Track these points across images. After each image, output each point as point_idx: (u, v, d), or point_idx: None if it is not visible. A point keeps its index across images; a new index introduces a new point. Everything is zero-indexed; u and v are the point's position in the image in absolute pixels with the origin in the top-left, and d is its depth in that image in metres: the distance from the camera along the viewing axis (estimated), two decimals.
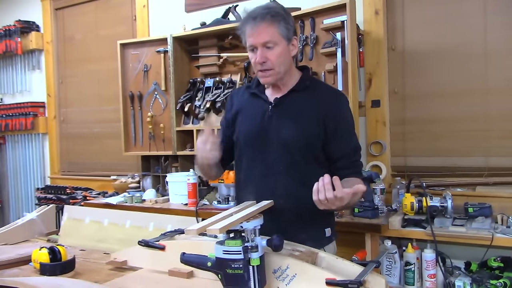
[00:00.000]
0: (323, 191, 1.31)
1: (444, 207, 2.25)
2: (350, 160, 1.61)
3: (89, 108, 4.17)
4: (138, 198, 3.06)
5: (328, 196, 1.30)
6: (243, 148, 1.67)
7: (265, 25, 1.51)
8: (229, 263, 1.16)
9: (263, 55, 1.52)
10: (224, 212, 1.33)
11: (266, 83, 1.62)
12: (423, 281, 2.25)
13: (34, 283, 1.27)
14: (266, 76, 1.57)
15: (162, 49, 3.26)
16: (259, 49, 1.52)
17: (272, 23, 1.51)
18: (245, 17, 1.56)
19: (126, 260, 1.51)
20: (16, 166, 4.65)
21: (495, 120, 2.51)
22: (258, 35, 1.51)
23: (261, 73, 1.57)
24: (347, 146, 1.61)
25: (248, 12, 1.55)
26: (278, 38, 1.52)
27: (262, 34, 1.51)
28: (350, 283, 1.11)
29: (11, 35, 4.35)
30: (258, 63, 1.54)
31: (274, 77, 1.57)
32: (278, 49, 1.53)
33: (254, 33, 1.52)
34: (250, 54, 1.57)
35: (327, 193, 1.30)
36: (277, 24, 1.52)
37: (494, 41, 2.51)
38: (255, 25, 1.51)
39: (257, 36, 1.51)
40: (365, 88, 2.79)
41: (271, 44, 1.52)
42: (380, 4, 2.73)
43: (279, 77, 1.59)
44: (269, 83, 1.61)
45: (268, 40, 1.51)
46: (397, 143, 2.77)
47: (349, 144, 1.62)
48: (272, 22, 1.51)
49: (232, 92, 1.85)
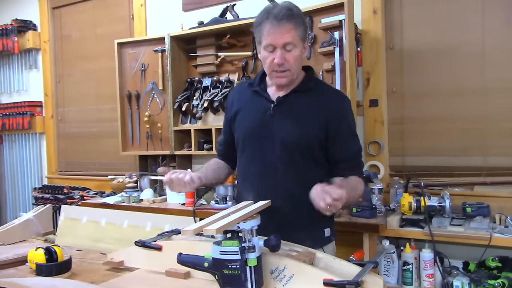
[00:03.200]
0: (321, 199, 1.32)
1: (442, 207, 2.25)
2: (352, 162, 1.63)
3: (87, 108, 4.16)
4: (136, 198, 3.06)
5: (327, 202, 1.30)
6: (243, 146, 1.67)
7: (289, 26, 1.49)
8: (226, 264, 1.15)
9: (283, 56, 1.51)
10: (221, 212, 1.33)
11: (280, 84, 1.60)
12: (421, 281, 2.25)
13: (29, 284, 1.25)
14: (282, 77, 1.56)
15: (160, 48, 3.25)
16: (279, 50, 1.51)
17: (295, 26, 1.50)
18: (265, 14, 1.52)
19: (122, 260, 1.50)
20: (13, 166, 4.63)
21: (494, 119, 2.51)
22: (281, 35, 1.49)
23: (276, 73, 1.55)
24: (350, 148, 1.62)
25: (270, 10, 1.52)
26: (297, 41, 1.52)
27: (285, 35, 1.49)
28: (348, 284, 1.11)
29: (8, 34, 4.33)
30: (277, 64, 1.52)
31: (289, 78, 1.57)
32: (297, 52, 1.53)
33: (276, 33, 1.49)
34: (265, 54, 1.54)
35: (326, 199, 1.30)
36: (298, 27, 1.51)
37: (492, 40, 2.50)
38: (278, 25, 1.48)
39: (280, 37, 1.49)
40: (363, 88, 2.78)
41: (291, 46, 1.51)
42: (378, 3, 2.72)
43: (293, 79, 1.59)
44: (283, 84, 1.60)
45: (290, 41, 1.50)
46: (395, 143, 2.77)
47: (352, 146, 1.63)
48: (295, 24, 1.50)
49: (234, 89, 1.85)
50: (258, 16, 1.56)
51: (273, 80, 1.61)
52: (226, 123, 1.77)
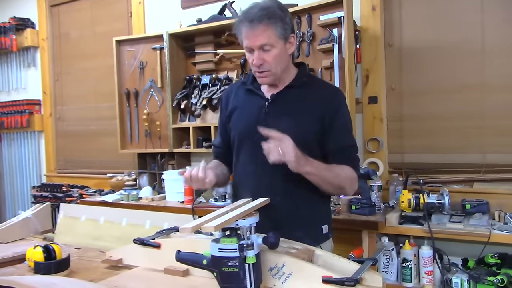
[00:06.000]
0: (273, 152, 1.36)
1: (441, 204, 2.25)
2: (345, 153, 1.58)
3: (85, 106, 4.16)
4: (135, 196, 3.05)
5: (278, 155, 1.35)
6: (240, 145, 1.66)
7: (262, 28, 1.48)
8: (224, 261, 1.15)
9: (260, 57, 1.51)
10: (219, 210, 1.32)
11: (263, 83, 1.61)
12: (420, 278, 2.25)
13: (28, 282, 1.25)
14: (263, 77, 1.56)
15: (158, 46, 3.24)
16: (256, 52, 1.51)
17: (268, 26, 1.48)
18: (240, 18, 1.53)
19: (121, 258, 1.49)
20: (11, 164, 4.63)
21: (493, 117, 2.51)
22: (255, 38, 1.49)
23: (258, 73, 1.56)
24: (342, 140, 1.59)
25: (244, 13, 1.51)
26: (275, 40, 1.50)
27: (259, 37, 1.49)
28: (347, 281, 1.11)
29: (6, 32, 4.32)
30: (255, 65, 1.53)
31: (271, 78, 1.57)
32: (275, 51, 1.52)
33: (250, 36, 1.50)
34: (247, 54, 1.56)
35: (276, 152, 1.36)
36: (273, 26, 1.49)
37: (491, 38, 2.50)
38: (251, 28, 1.48)
39: (254, 39, 1.49)
40: (362, 85, 2.78)
41: (268, 46, 1.50)
42: (377, 0, 2.72)
43: (276, 77, 1.58)
44: (266, 84, 1.61)
45: (265, 43, 1.49)
46: (394, 140, 2.77)
47: (344, 139, 1.60)
48: (268, 24, 1.48)
49: (226, 90, 1.83)
50: (236, 20, 1.57)
51: (258, 80, 1.61)
52: (222, 124, 1.76)
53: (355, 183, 1.59)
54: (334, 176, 1.51)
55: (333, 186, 1.53)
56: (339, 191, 1.59)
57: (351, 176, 1.56)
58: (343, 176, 1.54)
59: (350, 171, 1.56)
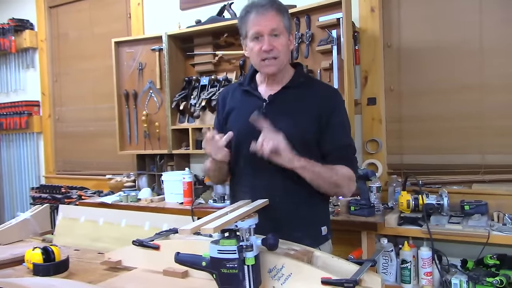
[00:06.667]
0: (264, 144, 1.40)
1: (440, 205, 2.25)
2: (341, 153, 1.58)
3: (84, 107, 4.15)
4: (134, 197, 3.05)
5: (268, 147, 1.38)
6: (238, 146, 1.65)
7: (273, 13, 1.53)
8: (224, 263, 1.15)
9: (270, 42, 1.52)
10: (218, 211, 1.32)
11: (269, 72, 1.59)
12: (419, 279, 2.25)
13: (27, 284, 1.25)
14: (270, 64, 1.56)
15: (157, 47, 3.24)
16: (266, 37, 1.52)
17: (278, 13, 1.54)
18: (249, 6, 1.56)
19: (120, 260, 1.49)
20: (10, 166, 4.62)
21: (491, 117, 2.51)
22: (266, 22, 1.52)
23: (265, 62, 1.56)
24: (339, 140, 1.59)
25: (253, 2, 1.55)
26: (282, 29, 1.55)
27: (271, 21, 1.52)
28: (346, 282, 1.11)
29: (5, 33, 4.31)
30: (264, 50, 1.53)
31: (278, 66, 1.57)
32: (284, 39, 1.56)
33: (262, 20, 1.52)
34: (253, 44, 1.55)
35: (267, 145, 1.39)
36: (282, 15, 1.55)
37: (490, 39, 2.50)
38: (263, 13, 1.52)
39: (265, 23, 1.52)
40: (361, 86, 2.78)
41: (278, 32, 1.53)
42: (375, 1, 2.72)
43: (282, 68, 1.59)
44: (272, 73, 1.59)
45: (276, 27, 1.52)
46: (393, 141, 2.77)
47: (341, 138, 1.60)
48: (278, 11, 1.54)
49: (222, 92, 1.83)
50: (242, 11, 1.59)
51: (262, 70, 1.61)
52: (219, 126, 1.74)
53: (353, 183, 1.59)
54: (329, 173, 1.51)
55: (329, 184, 1.53)
56: (336, 189, 1.58)
57: (348, 176, 1.56)
58: (340, 174, 1.54)
59: (346, 170, 1.55)
